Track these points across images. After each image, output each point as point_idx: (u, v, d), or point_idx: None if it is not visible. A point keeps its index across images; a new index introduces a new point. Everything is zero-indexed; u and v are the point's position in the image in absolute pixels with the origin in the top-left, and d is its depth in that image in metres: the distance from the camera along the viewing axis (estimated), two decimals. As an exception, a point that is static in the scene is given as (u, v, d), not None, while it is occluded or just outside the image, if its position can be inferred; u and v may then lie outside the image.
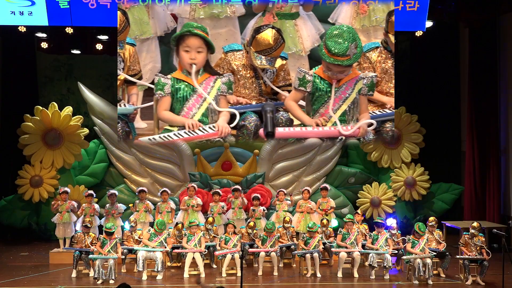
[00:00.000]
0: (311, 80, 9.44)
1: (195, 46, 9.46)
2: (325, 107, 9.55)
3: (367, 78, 9.56)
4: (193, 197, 13.10)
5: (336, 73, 9.39)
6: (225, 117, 9.56)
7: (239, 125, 9.57)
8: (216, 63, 9.96)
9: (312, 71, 9.59)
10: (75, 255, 11.13)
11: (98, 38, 14.45)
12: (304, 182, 15.08)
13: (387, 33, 9.79)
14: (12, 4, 11.71)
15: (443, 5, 13.20)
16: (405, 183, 15.11)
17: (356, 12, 10.73)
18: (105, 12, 11.58)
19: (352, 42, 9.20)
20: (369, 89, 9.57)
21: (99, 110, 14.87)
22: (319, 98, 9.55)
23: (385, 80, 10.03)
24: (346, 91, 9.53)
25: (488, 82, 14.39)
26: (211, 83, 9.60)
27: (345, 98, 9.54)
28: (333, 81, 9.45)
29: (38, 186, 14.42)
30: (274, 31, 9.52)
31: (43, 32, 14.13)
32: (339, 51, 9.16)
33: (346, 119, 9.58)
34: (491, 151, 14.34)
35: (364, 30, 10.69)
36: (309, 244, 11.48)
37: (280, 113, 9.61)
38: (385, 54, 10.03)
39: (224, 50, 9.97)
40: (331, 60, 9.22)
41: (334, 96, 9.48)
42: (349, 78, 9.52)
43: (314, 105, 9.58)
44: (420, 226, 10.99)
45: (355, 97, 9.54)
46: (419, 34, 13.40)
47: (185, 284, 10.83)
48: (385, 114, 9.98)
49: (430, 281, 10.61)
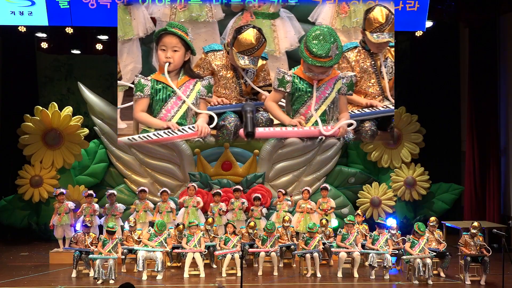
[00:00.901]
0: (291, 80, 9.45)
1: (171, 45, 9.47)
2: (305, 107, 9.55)
3: (346, 77, 9.57)
4: (193, 197, 13.11)
5: (318, 74, 9.40)
6: (204, 118, 9.58)
7: (219, 125, 9.59)
8: (196, 64, 9.96)
9: (291, 72, 9.59)
10: (75, 255, 11.13)
11: (98, 38, 14.44)
12: (304, 182, 15.08)
13: (364, 31, 9.79)
14: (12, 4, 11.71)
15: (443, 5, 13.20)
16: (405, 183, 15.11)
17: (336, 12, 10.75)
18: (105, 12, 11.57)
19: (333, 42, 9.22)
20: (349, 88, 9.59)
21: (99, 110, 14.88)
22: (299, 99, 9.56)
23: (364, 80, 10.03)
24: (325, 91, 9.54)
25: (488, 82, 14.39)
26: (191, 86, 9.63)
27: (325, 98, 9.56)
28: (314, 82, 9.46)
29: (38, 186, 14.42)
30: (255, 30, 9.52)
31: (43, 32, 14.12)
32: (321, 53, 9.17)
33: (326, 119, 9.59)
34: (491, 151, 14.33)
35: (344, 31, 10.71)
36: (309, 244, 11.48)
37: (260, 113, 9.61)
38: (363, 53, 10.02)
39: (204, 50, 9.96)
40: (313, 62, 9.23)
41: (315, 96, 9.50)
42: (329, 78, 9.53)
43: (294, 105, 9.58)
44: (420, 226, 10.99)
45: (335, 97, 9.55)
46: (419, 34, 13.40)
47: (185, 284, 10.83)
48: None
49: (430, 281, 10.61)
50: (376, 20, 9.65)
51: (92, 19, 11.74)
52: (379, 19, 9.65)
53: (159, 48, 9.51)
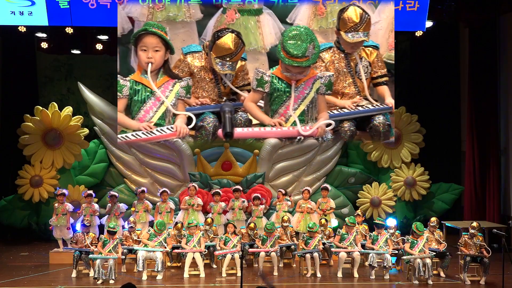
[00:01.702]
0: (269, 80, 9.43)
1: (152, 45, 9.46)
2: (284, 107, 9.52)
3: (324, 77, 9.55)
4: (194, 197, 13.11)
5: (295, 74, 9.38)
6: (183, 118, 9.58)
7: (197, 125, 9.58)
8: (174, 65, 9.93)
9: (270, 72, 9.58)
10: (75, 255, 11.13)
11: (98, 38, 14.45)
12: (304, 182, 15.08)
13: (339, 31, 9.78)
14: (12, 4, 11.70)
15: (443, 5, 13.19)
16: (405, 183, 15.12)
17: (313, 13, 10.74)
18: (105, 12, 11.57)
19: (310, 42, 9.20)
20: (327, 88, 9.57)
21: (99, 110, 14.88)
22: (277, 99, 9.53)
23: (339, 80, 10.02)
24: (304, 90, 9.52)
25: (488, 82, 14.39)
26: (170, 87, 9.62)
27: (304, 97, 9.54)
28: (292, 82, 9.46)
29: (38, 186, 14.42)
30: (233, 35, 9.46)
31: (43, 32, 14.13)
32: (298, 53, 9.16)
33: (305, 119, 9.57)
34: (491, 151, 14.33)
35: (321, 32, 10.68)
36: (309, 244, 11.48)
37: (238, 114, 9.60)
38: (338, 54, 10.00)
39: (183, 51, 9.93)
40: (290, 62, 9.22)
41: (293, 96, 9.50)
42: (307, 77, 9.49)
43: (273, 105, 9.56)
44: (418, 226, 10.99)
45: (313, 97, 9.54)
46: (419, 34, 13.40)
47: (185, 284, 10.84)
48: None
49: (430, 281, 10.61)
50: (350, 19, 9.61)
51: (92, 19, 11.73)
52: (353, 19, 9.60)
53: (140, 49, 9.48)
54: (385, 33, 10.67)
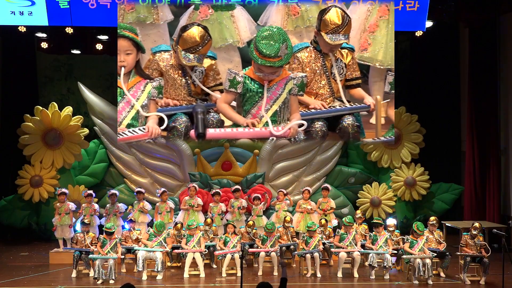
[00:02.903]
0: (242, 81, 9.44)
1: (123, 49, 9.53)
2: (256, 108, 9.54)
3: (297, 78, 9.56)
4: (194, 197, 13.11)
5: (268, 74, 9.39)
6: (154, 119, 9.60)
7: (169, 126, 9.61)
8: (145, 65, 9.98)
9: (243, 72, 9.59)
10: (75, 255, 11.13)
11: (98, 38, 14.44)
12: (304, 182, 15.08)
13: (319, 32, 9.78)
14: (12, 4, 11.70)
15: (443, 5, 13.19)
16: (405, 183, 15.11)
17: (287, 13, 10.74)
18: (105, 12, 11.58)
19: (283, 42, 9.22)
20: (300, 89, 9.58)
21: (99, 110, 14.88)
22: (250, 99, 9.55)
23: (314, 80, 10.02)
24: (276, 91, 9.54)
25: (488, 82, 14.38)
26: (142, 87, 9.67)
27: (276, 98, 9.55)
28: (265, 82, 9.46)
29: (38, 186, 14.42)
30: (200, 28, 9.53)
31: (43, 32, 14.12)
32: (270, 53, 9.17)
33: (277, 120, 9.58)
34: (491, 151, 14.33)
35: (297, 32, 10.71)
36: (309, 244, 11.48)
37: (211, 114, 9.62)
38: (314, 54, 10.01)
39: (152, 51, 9.98)
40: (263, 62, 9.23)
41: (266, 97, 9.50)
42: (280, 78, 9.51)
43: (245, 106, 9.57)
44: (419, 226, 11.00)
45: (286, 97, 9.55)
46: (419, 34, 13.39)
47: (185, 284, 10.83)
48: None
49: (430, 281, 10.61)
50: (332, 21, 9.60)
51: (92, 19, 11.74)
52: (335, 21, 9.60)
53: None
54: (356, 34, 10.67)
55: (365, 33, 10.74)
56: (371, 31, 10.71)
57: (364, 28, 10.76)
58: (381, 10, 10.74)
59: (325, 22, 9.64)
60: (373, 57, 10.71)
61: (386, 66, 10.72)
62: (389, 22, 10.72)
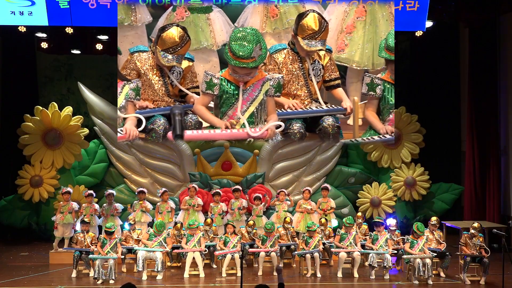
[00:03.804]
0: (218, 83, 9.45)
1: None
2: (233, 110, 9.54)
3: (273, 79, 9.57)
4: (194, 197, 13.11)
5: (242, 76, 9.40)
6: (132, 121, 9.62)
7: (147, 128, 9.63)
8: (122, 66, 10.00)
9: (219, 74, 9.60)
10: (75, 255, 11.13)
11: (98, 38, 14.45)
12: (304, 182, 15.08)
13: (296, 36, 9.78)
14: (12, 4, 11.71)
15: (443, 5, 13.20)
16: (405, 183, 15.11)
17: (265, 15, 10.75)
18: (105, 12, 11.59)
19: (257, 43, 9.22)
20: (276, 90, 9.58)
21: (99, 110, 14.88)
22: (227, 101, 9.55)
23: (291, 82, 10.02)
24: (253, 92, 9.54)
25: (488, 82, 14.39)
26: (119, 89, 9.69)
27: (253, 99, 9.56)
28: (240, 83, 9.46)
29: (38, 186, 14.42)
30: (179, 28, 9.55)
31: (43, 32, 14.13)
32: (243, 54, 9.17)
33: (254, 121, 9.58)
34: (491, 151, 14.33)
35: (275, 33, 10.72)
36: (309, 244, 11.48)
37: (189, 116, 9.63)
38: (292, 55, 10.01)
39: (130, 51, 9.99)
40: (237, 63, 9.24)
41: (241, 98, 9.49)
42: (256, 79, 9.52)
43: (222, 107, 9.58)
44: (419, 226, 11.00)
45: (262, 99, 9.55)
46: (419, 34, 13.40)
47: (185, 284, 10.84)
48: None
49: (430, 281, 10.61)
50: (309, 27, 9.59)
51: (92, 19, 11.75)
52: (312, 27, 9.59)
53: None
54: (333, 34, 10.67)
55: (342, 34, 10.76)
56: (348, 32, 10.73)
57: (341, 29, 10.78)
58: (358, 11, 10.74)
59: (302, 27, 9.63)
60: (349, 58, 10.73)
61: (363, 67, 10.73)
62: (366, 23, 10.72)
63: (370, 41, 10.69)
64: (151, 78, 9.77)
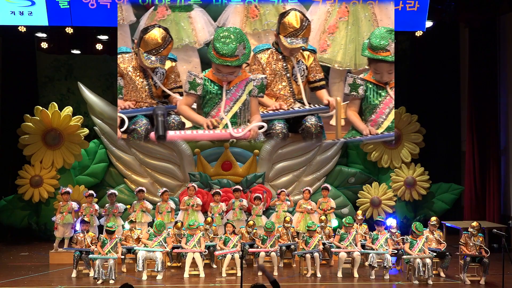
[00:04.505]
0: (201, 83, 9.43)
1: None
2: (216, 110, 9.51)
3: (257, 79, 9.56)
4: (193, 197, 13.11)
5: (226, 75, 9.39)
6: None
7: (129, 129, 9.62)
8: None
9: (202, 74, 9.60)
10: (75, 255, 11.13)
11: (98, 38, 14.46)
12: (304, 182, 15.08)
13: (278, 35, 9.79)
14: (12, 4, 11.72)
15: (443, 5, 13.19)
16: (405, 183, 15.11)
17: (246, 16, 10.75)
18: (105, 12, 11.59)
19: (240, 42, 9.21)
20: (259, 90, 9.57)
21: (99, 110, 14.88)
22: (210, 101, 9.53)
23: (275, 82, 10.02)
24: (236, 93, 9.53)
25: (488, 82, 14.39)
26: None
27: (236, 100, 9.54)
28: (224, 83, 9.47)
29: (38, 186, 14.42)
30: (161, 30, 9.53)
31: (43, 32, 14.13)
32: (227, 52, 9.16)
33: (237, 121, 9.56)
34: (491, 151, 14.34)
35: (255, 34, 10.71)
36: (309, 244, 11.48)
37: (171, 116, 9.62)
38: (276, 55, 10.01)
39: None
40: (220, 61, 9.23)
41: (225, 98, 9.50)
42: (239, 79, 9.50)
43: (205, 108, 9.56)
44: (418, 226, 10.99)
45: (246, 99, 9.54)
46: (419, 34, 13.40)
47: (185, 284, 10.84)
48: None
49: (430, 281, 10.61)
50: (290, 25, 9.61)
51: (92, 19, 11.76)
52: (293, 24, 9.60)
53: None
54: (316, 35, 10.66)
55: (324, 34, 10.75)
56: (331, 32, 10.72)
57: (324, 29, 10.77)
58: (340, 11, 10.73)
59: (283, 25, 9.65)
60: (332, 58, 10.72)
61: (345, 68, 10.72)
62: (349, 23, 10.71)
63: (352, 41, 10.69)
64: (134, 80, 9.77)
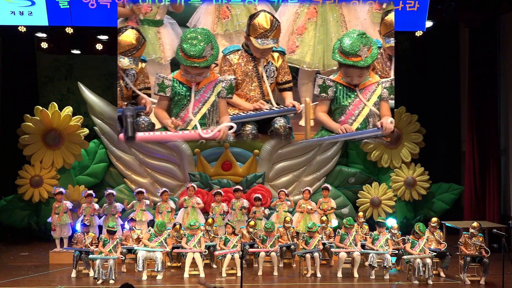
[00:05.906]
0: (170, 84, 9.44)
1: None
2: (185, 111, 9.51)
3: (226, 81, 9.57)
4: (193, 197, 13.11)
5: (194, 76, 9.39)
6: None
7: None
8: None
9: (171, 76, 9.61)
10: (75, 255, 11.13)
11: (98, 38, 14.45)
12: (304, 182, 15.08)
13: (249, 36, 9.80)
14: (12, 4, 11.71)
15: (443, 5, 13.19)
16: (405, 183, 15.11)
17: (217, 17, 10.75)
18: (105, 12, 11.59)
19: (208, 43, 9.22)
20: (228, 92, 9.58)
21: (99, 110, 14.89)
22: (179, 102, 9.53)
23: (245, 83, 10.02)
24: (205, 94, 9.53)
25: (488, 82, 14.38)
26: None
27: (205, 101, 9.54)
28: (192, 85, 9.47)
29: (38, 186, 14.42)
30: (135, 31, 9.58)
31: (43, 32, 14.12)
32: (195, 53, 9.17)
33: (206, 122, 9.57)
34: (491, 151, 14.33)
35: (226, 35, 10.71)
36: (309, 244, 11.48)
37: (141, 118, 9.62)
38: (246, 57, 10.01)
39: None
40: (188, 63, 9.23)
41: (193, 100, 9.51)
42: (208, 81, 9.51)
43: (174, 109, 9.56)
44: (420, 227, 10.99)
45: (215, 100, 9.55)
46: (419, 34, 13.39)
47: (185, 284, 10.84)
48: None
49: (430, 281, 10.61)
50: (260, 26, 9.62)
51: (92, 19, 11.75)
52: (263, 25, 9.62)
53: None
54: (285, 36, 10.66)
55: (293, 35, 10.75)
56: (299, 33, 10.71)
57: (292, 30, 10.77)
58: (309, 12, 10.72)
59: (253, 27, 9.67)
60: (301, 59, 10.71)
61: (314, 68, 10.71)
62: (317, 24, 10.70)
63: (321, 42, 10.68)
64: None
